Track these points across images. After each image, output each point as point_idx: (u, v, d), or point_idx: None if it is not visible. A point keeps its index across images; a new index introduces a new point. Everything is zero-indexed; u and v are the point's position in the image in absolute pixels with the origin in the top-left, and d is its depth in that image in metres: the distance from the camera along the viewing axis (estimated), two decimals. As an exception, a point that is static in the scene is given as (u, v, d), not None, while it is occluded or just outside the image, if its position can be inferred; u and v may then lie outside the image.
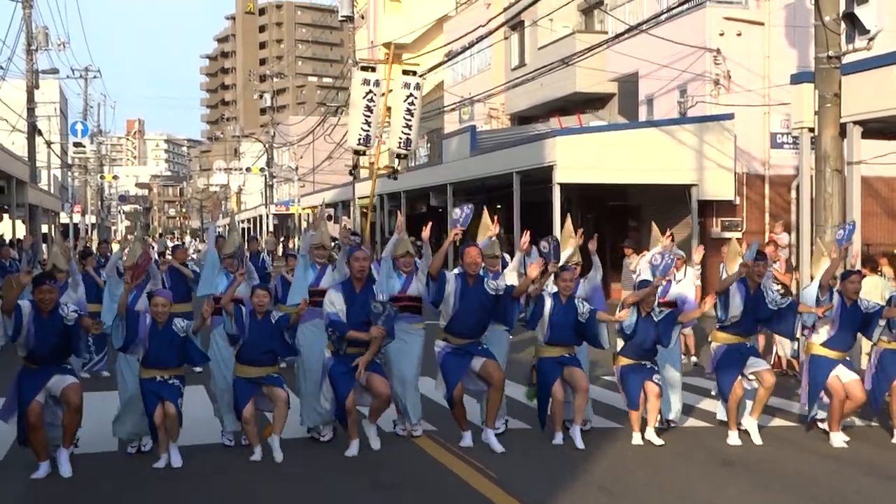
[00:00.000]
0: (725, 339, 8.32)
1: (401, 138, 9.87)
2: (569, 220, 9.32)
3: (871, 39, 10.87)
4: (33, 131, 30.28)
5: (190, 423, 7.73)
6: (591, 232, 9.61)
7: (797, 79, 12.25)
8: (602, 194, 20.95)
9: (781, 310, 8.22)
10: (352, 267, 7.75)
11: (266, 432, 7.64)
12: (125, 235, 70.85)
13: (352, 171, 21.88)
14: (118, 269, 9.90)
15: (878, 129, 12.02)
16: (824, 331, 8.30)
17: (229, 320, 7.51)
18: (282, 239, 44.92)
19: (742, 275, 8.11)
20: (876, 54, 11.15)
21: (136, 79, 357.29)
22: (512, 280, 8.32)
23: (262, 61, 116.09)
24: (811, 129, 11.68)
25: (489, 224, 8.80)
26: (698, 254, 10.20)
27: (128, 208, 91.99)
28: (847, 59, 11.21)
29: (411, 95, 9.81)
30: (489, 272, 8.33)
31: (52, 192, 41.74)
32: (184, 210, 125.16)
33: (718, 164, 19.02)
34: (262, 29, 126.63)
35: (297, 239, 41.09)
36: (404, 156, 10.33)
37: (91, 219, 55.83)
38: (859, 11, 10.74)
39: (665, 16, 19.97)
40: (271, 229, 49.63)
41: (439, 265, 7.90)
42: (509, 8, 26.16)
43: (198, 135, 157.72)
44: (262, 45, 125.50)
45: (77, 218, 46.30)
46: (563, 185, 18.40)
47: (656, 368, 8.22)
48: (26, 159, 27.50)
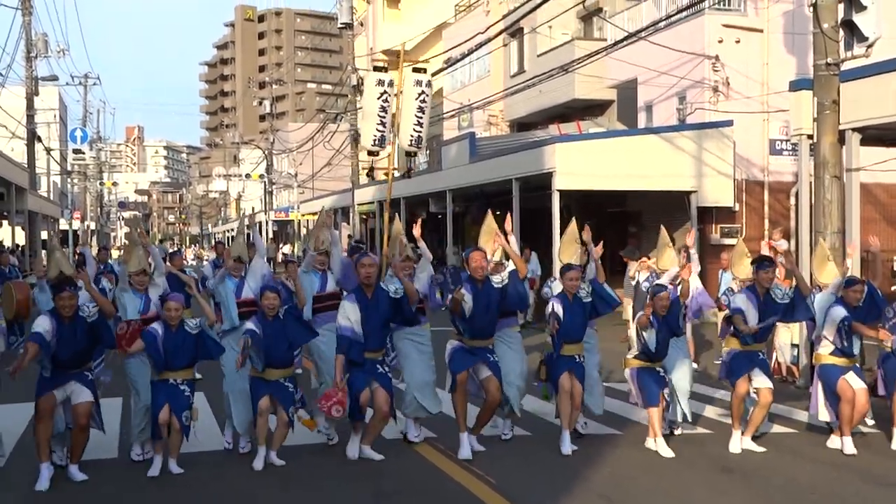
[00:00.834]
0: (739, 345, 8.26)
1: (412, 136, 9.86)
2: (573, 223, 9.14)
3: (869, 47, 10.86)
4: (33, 138, 30.32)
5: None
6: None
7: (796, 86, 12.28)
8: (601, 201, 20.96)
9: (793, 299, 8.19)
10: (359, 274, 7.83)
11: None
12: (124, 242, 70.72)
13: (369, 173, 21.84)
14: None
15: (876, 135, 12.03)
16: (829, 342, 8.32)
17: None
18: (281, 245, 44.87)
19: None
20: (874, 61, 11.17)
21: (136, 85, 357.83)
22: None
23: (262, 68, 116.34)
24: (810, 136, 11.70)
25: (494, 229, 8.78)
26: (691, 237, 10.33)
27: (127, 215, 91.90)
28: (846, 66, 11.23)
29: (423, 93, 9.80)
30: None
31: (52, 198, 41.82)
32: (183, 216, 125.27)
33: (717, 170, 19.07)
34: (262, 36, 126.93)
35: (296, 246, 41.06)
36: (414, 154, 10.35)
37: (91, 225, 55.80)
38: (858, 19, 10.74)
39: (664, 23, 20.00)
40: (271, 236, 49.62)
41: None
42: (508, 15, 26.15)
43: (197, 141, 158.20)
44: (262, 52, 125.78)
45: (76, 224, 46.28)
46: (562, 192, 18.44)
47: (666, 380, 8.19)
48: (26, 166, 27.55)
